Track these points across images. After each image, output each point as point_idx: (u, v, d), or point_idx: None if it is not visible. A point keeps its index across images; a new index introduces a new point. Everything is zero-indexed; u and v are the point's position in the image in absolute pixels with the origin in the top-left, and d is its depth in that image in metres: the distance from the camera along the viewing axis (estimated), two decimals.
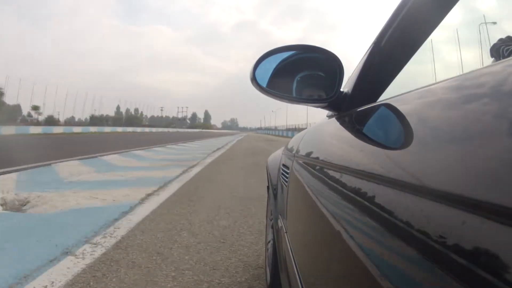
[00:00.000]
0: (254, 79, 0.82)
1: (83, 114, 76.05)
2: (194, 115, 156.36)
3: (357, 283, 0.36)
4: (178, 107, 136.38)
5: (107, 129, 45.33)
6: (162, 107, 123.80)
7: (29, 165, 5.31)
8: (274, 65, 0.84)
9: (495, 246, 0.18)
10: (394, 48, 0.70)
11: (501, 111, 0.24)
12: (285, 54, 0.84)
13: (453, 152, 0.27)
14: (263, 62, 0.84)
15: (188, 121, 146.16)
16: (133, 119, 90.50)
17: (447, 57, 0.82)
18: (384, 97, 0.70)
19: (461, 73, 0.35)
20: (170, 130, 65.53)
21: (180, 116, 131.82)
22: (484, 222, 0.20)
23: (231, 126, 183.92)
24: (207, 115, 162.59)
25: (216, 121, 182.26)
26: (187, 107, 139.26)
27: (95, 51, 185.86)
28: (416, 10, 0.62)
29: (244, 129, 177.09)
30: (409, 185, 0.29)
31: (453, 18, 0.62)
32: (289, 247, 0.81)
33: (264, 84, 0.83)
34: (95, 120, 73.71)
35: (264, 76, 0.84)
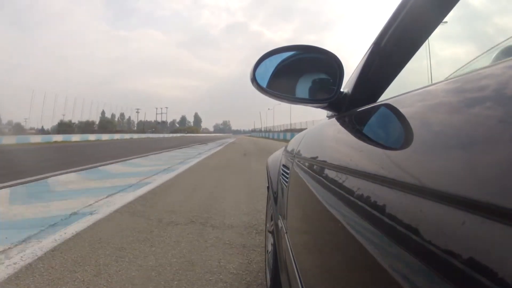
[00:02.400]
0: (254, 80, 0.82)
1: (54, 120, 66.57)
2: (183, 118, 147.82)
3: (357, 283, 0.36)
4: (156, 108, 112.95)
5: (75, 137, 34.37)
6: (138, 109, 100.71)
7: None
8: (274, 66, 0.85)
9: (495, 246, 0.18)
10: (394, 48, 0.70)
11: (501, 112, 0.24)
12: (285, 55, 0.84)
13: (453, 153, 0.27)
14: (263, 63, 0.84)
15: (177, 125, 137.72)
16: (107, 124, 79.16)
17: (447, 57, 0.82)
18: (384, 97, 0.70)
19: (462, 73, 0.35)
20: (135, 136, 47.82)
21: (159, 119, 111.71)
22: (484, 223, 0.20)
23: (223, 129, 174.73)
24: (197, 118, 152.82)
25: (208, 124, 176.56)
26: (166, 108, 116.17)
27: (83, 56, 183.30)
28: (417, 10, 0.62)
29: (237, 132, 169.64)
30: (409, 185, 0.29)
31: (453, 18, 0.62)
32: (289, 248, 0.81)
33: (264, 85, 0.83)
34: (63, 127, 63.28)
35: (264, 76, 0.84)
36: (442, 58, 0.83)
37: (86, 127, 67.72)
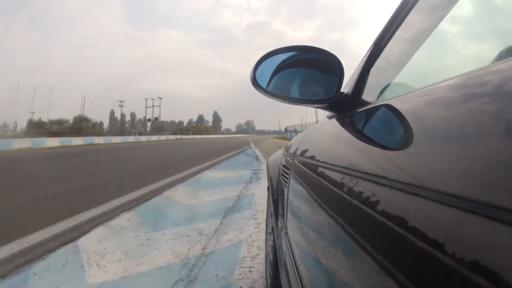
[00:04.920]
0: (254, 80, 0.82)
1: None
2: (200, 117, 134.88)
3: (357, 283, 0.36)
4: (146, 100, 75.18)
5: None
6: (121, 101, 72.37)
7: None
8: (274, 66, 0.85)
9: (495, 246, 0.18)
10: (394, 49, 0.70)
11: (502, 112, 0.24)
12: (285, 55, 0.84)
13: (454, 153, 0.27)
14: (264, 63, 0.84)
15: (194, 124, 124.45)
16: (80, 123, 57.48)
17: (447, 56, 0.82)
18: (384, 98, 0.70)
19: (462, 73, 0.35)
20: (97, 141, 29.31)
21: (150, 115, 76.65)
22: (484, 223, 0.20)
23: (246, 129, 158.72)
24: (216, 117, 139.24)
25: (230, 124, 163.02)
26: (160, 98, 76.19)
27: (105, 58, 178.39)
28: (416, 11, 0.62)
29: (261, 132, 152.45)
30: (410, 186, 0.29)
31: (453, 18, 0.62)
32: (289, 247, 0.81)
33: (264, 85, 0.83)
34: (33, 128, 49.63)
35: (265, 77, 0.84)
36: (442, 58, 0.83)
37: (60, 127, 52.95)
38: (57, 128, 50.30)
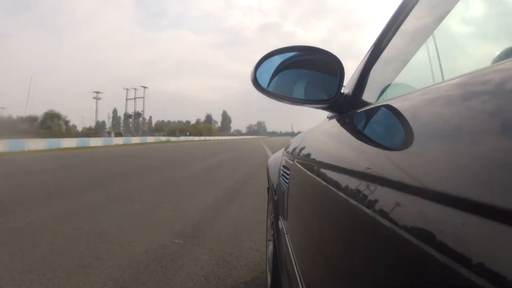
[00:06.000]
0: (255, 80, 0.82)
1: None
2: (208, 117, 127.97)
3: (357, 283, 0.36)
4: (127, 90, 62.11)
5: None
6: (97, 92, 59.97)
7: None
8: (275, 66, 0.85)
9: (495, 247, 0.18)
10: (394, 50, 0.70)
11: (501, 113, 0.24)
12: (286, 55, 0.84)
13: (454, 154, 0.27)
14: (264, 63, 0.84)
15: (202, 125, 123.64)
16: (49, 120, 45.40)
17: (447, 57, 0.82)
18: (385, 98, 0.70)
19: (463, 73, 0.35)
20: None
21: (132, 109, 63.98)
22: (484, 223, 0.20)
23: (257, 130, 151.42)
24: (225, 118, 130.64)
25: (241, 125, 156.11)
26: (144, 88, 63.01)
27: (115, 59, 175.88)
28: (416, 12, 0.62)
29: (273, 134, 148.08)
30: (410, 186, 0.29)
31: (453, 19, 0.62)
32: (289, 248, 0.81)
33: (265, 85, 0.83)
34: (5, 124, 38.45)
35: (265, 77, 0.84)
36: (443, 59, 0.83)
37: (31, 124, 42.03)
38: (28, 126, 39.73)
